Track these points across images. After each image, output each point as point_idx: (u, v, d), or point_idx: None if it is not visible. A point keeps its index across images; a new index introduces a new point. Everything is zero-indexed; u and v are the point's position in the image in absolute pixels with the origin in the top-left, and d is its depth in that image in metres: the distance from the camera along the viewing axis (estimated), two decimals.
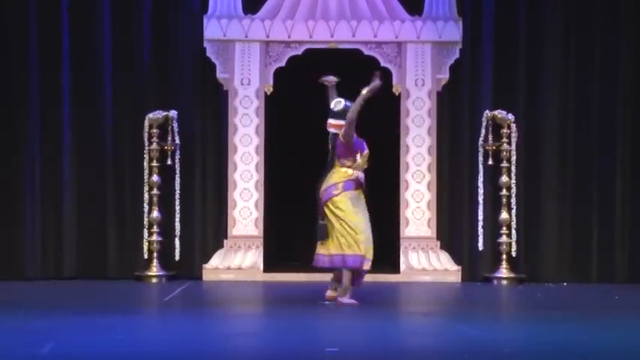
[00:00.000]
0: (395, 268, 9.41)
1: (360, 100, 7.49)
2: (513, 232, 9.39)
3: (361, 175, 7.57)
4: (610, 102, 9.47)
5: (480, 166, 9.43)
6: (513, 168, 9.40)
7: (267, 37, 9.49)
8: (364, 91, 7.51)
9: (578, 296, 8.62)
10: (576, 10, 9.50)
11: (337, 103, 7.63)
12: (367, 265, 7.48)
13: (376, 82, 7.52)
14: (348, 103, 7.57)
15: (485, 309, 7.75)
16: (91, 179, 9.42)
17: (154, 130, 9.35)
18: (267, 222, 9.53)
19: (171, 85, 9.52)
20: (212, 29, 9.45)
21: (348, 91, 7.76)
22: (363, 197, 7.61)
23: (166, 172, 9.40)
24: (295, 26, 9.47)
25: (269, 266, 9.47)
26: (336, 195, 7.49)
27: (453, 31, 9.45)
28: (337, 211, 7.46)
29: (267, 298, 8.49)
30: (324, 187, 7.53)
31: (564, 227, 9.47)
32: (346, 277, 7.48)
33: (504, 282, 9.28)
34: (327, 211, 7.50)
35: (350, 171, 7.53)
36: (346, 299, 7.47)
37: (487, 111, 9.39)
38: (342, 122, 7.52)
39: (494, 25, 9.47)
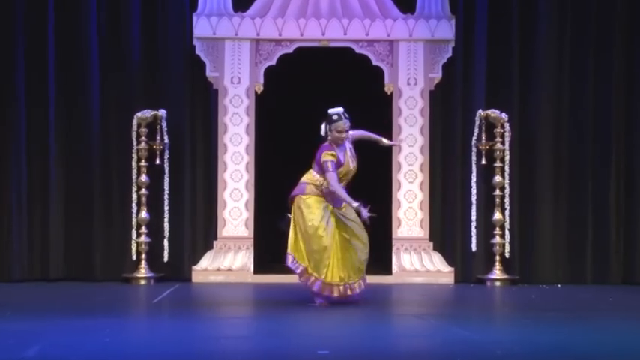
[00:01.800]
0: (387, 270, 9.40)
1: (342, 195, 7.42)
2: (507, 232, 9.40)
3: (327, 189, 7.47)
4: (605, 101, 9.48)
5: (473, 166, 9.44)
6: (507, 168, 9.41)
7: (258, 35, 9.48)
8: (353, 204, 7.41)
9: (572, 298, 8.62)
10: (570, 7, 9.51)
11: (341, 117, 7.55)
12: (319, 286, 7.44)
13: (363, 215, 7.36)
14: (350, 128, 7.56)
15: (478, 311, 7.75)
16: (78, 179, 9.40)
17: (143, 130, 9.33)
18: (258, 223, 9.52)
19: (160, 83, 9.51)
20: (201, 27, 9.43)
21: (339, 92, 7.77)
22: (336, 216, 7.50)
23: (155, 172, 9.38)
24: (286, 24, 9.47)
25: (259, 268, 9.46)
26: (305, 195, 7.50)
27: (446, 30, 9.45)
28: (298, 210, 7.46)
29: (258, 300, 8.48)
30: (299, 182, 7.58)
31: (558, 228, 9.47)
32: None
33: (498, 283, 9.29)
34: (293, 206, 7.54)
35: (317, 179, 7.51)
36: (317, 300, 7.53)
37: (480, 110, 9.40)
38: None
39: (487, 23, 9.47)
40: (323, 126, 7.56)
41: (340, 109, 7.55)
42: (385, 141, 7.97)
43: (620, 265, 9.44)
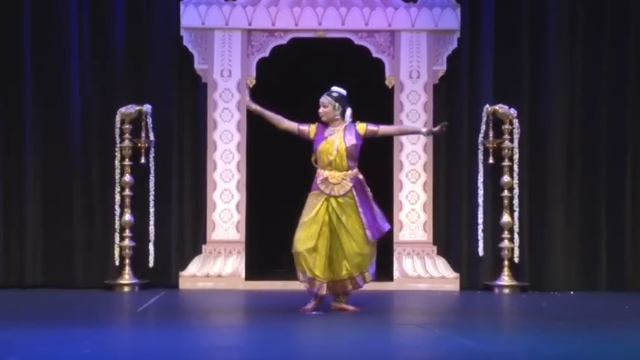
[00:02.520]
0: (388, 276, 9.40)
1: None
2: (516, 236, 9.40)
3: (321, 175, 7.58)
4: (620, 96, 9.48)
5: (480, 165, 9.44)
6: (516, 167, 9.41)
7: (250, 25, 9.48)
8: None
9: (585, 306, 8.63)
10: None
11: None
12: (305, 283, 7.55)
13: None
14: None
15: (485, 320, 7.76)
16: (57, 179, 9.39)
17: (127, 126, 9.32)
18: (250, 225, 9.52)
19: (145, 76, 9.50)
20: (189, 16, 9.43)
21: (336, 84, 7.77)
22: (322, 206, 7.56)
23: (140, 172, 9.37)
24: (280, 13, 9.46)
25: (251, 274, 9.46)
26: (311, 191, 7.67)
27: (451, 19, 9.46)
28: None
29: (250, 308, 8.48)
30: None
31: (571, 231, 9.48)
32: None
33: (506, 290, 9.29)
34: None
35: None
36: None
37: (487, 105, 9.40)
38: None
39: (494, 12, 9.48)
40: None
41: (333, 88, 7.70)
42: (424, 130, 8.03)
43: (636, 271, 9.45)
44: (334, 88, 7.74)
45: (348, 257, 7.58)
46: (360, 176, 7.67)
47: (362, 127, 7.68)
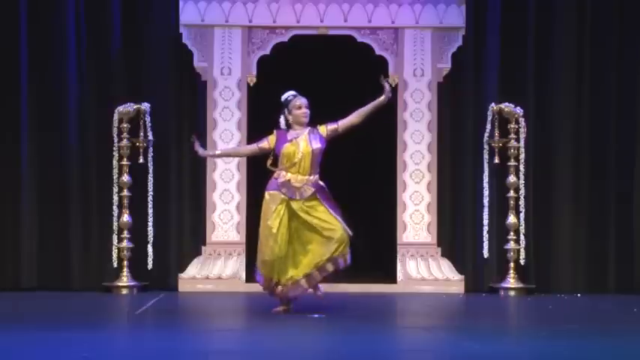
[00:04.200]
0: (391, 278, 9.39)
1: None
2: (522, 237, 9.38)
3: (282, 177, 7.57)
4: (629, 95, 9.46)
5: (485, 165, 9.42)
6: (522, 167, 9.39)
7: (250, 22, 9.46)
8: None
9: (593, 308, 8.62)
10: None
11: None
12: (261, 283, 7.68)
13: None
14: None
15: (490, 322, 7.74)
16: (54, 179, 9.38)
17: (125, 125, 9.31)
18: (250, 227, 9.48)
19: (143, 74, 9.49)
20: (189, 13, 9.42)
21: (338, 84, 7.76)
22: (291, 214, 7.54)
23: (138, 172, 9.36)
24: (281, 10, 9.45)
25: (252, 276, 9.42)
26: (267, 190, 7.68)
27: (456, 16, 9.44)
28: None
29: (250, 311, 8.46)
30: None
31: (578, 232, 9.46)
32: None
33: (512, 293, 9.27)
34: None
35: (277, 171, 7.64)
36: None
37: (493, 104, 9.38)
38: None
39: (500, 9, 9.47)
40: (281, 117, 7.64)
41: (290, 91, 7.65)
42: (381, 99, 7.56)
43: None
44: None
45: (322, 244, 7.50)
46: (322, 183, 7.60)
47: (322, 128, 7.63)
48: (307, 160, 7.56)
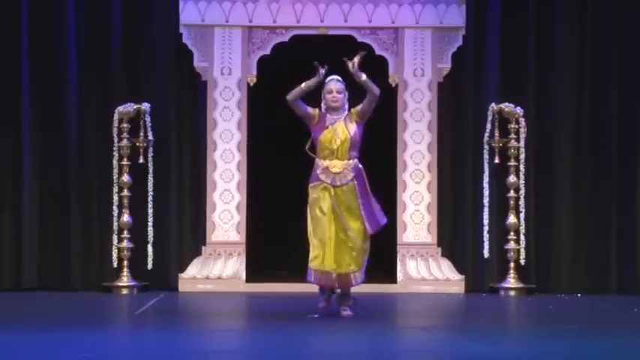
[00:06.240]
0: (391, 278, 9.40)
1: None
2: (522, 237, 9.39)
3: (321, 165, 7.47)
4: (631, 93, 9.45)
5: (486, 165, 9.43)
6: (522, 167, 9.40)
7: (250, 22, 9.47)
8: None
9: (593, 308, 8.62)
10: None
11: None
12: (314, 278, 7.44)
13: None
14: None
15: (491, 322, 7.74)
16: (54, 179, 9.38)
17: (125, 125, 9.32)
18: (250, 227, 9.51)
19: (143, 74, 9.50)
20: (189, 13, 9.43)
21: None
22: (329, 200, 7.43)
23: (138, 172, 9.37)
24: (281, 10, 9.46)
25: (252, 276, 9.45)
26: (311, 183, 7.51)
27: (456, 16, 9.45)
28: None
29: (250, 312, 8.46)
30: None
31: (579, 232, 9.47)
32: None
33: (512, 293, 9.28)
34: None
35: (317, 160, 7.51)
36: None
37: (493, 104, 9.39)
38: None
39: (501, 9, 9.47)
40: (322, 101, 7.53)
41: (336, 76, 7.51)
42: (354, 61, 7.41)
43: None
44: (337, 77, 7.59)
45: (347, 251, 7.48)
46: (360, 166, 7.57)
47: (354, 112, 7.54)
48: (345, 145, 7.47)
